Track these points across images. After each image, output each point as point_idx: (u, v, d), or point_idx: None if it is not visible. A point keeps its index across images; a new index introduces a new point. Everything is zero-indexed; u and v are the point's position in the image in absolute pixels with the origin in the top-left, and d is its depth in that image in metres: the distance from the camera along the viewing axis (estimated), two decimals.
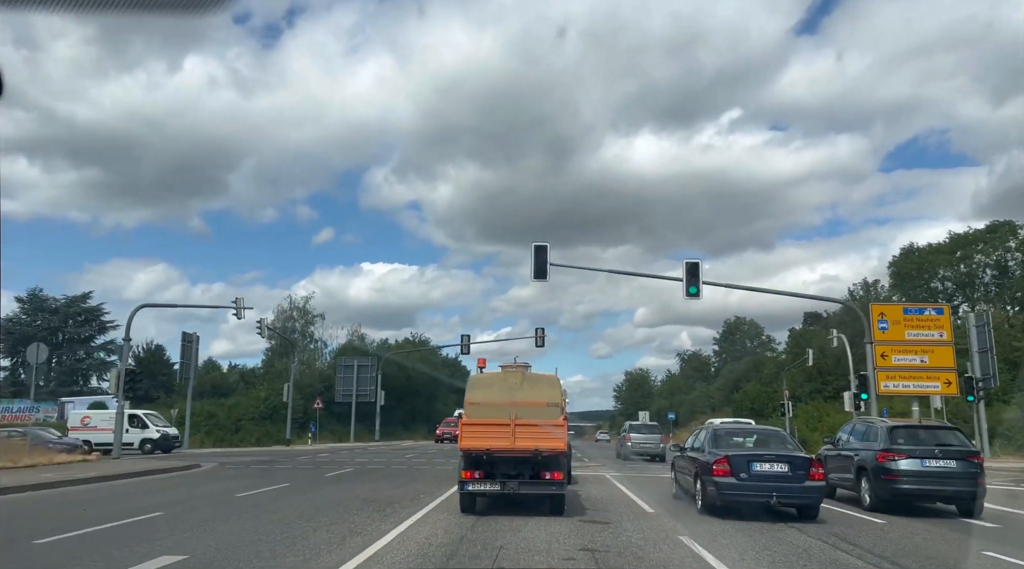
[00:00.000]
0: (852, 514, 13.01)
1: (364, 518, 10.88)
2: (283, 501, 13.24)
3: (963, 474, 13.16)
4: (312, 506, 12.32)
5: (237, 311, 35.05)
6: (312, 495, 14.42)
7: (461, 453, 11.45)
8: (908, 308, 26.17)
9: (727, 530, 10.43)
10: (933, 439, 14.00)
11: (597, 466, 25.75)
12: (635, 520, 11.28)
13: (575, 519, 11.17)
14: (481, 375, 12.92)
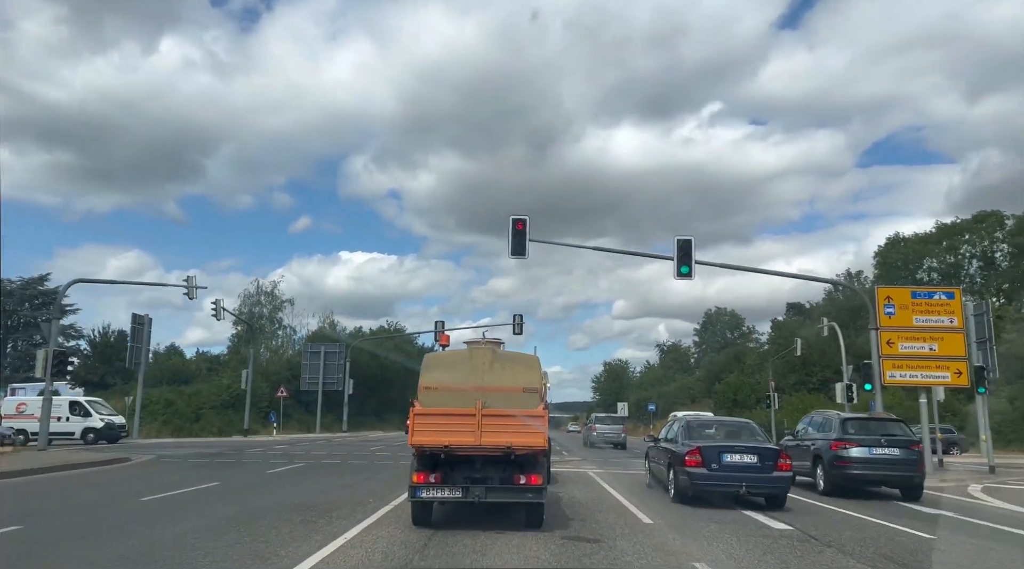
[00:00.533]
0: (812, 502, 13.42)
1: (284, 534, 8.45)
2: (195, 508, 10.76)
3: (906, 461, 14.81)
4: (227, 515, 9.85)
5: (188, 291, 32.28)
6: (238, 498, 11.95)
7: (412, 451, 9.05)
8: (916, 292, 24.06)
9: (752, 553, 8.15)
10: (880, 429, 15.62)
11: (579, 461, 23.49)
12: (632, 536, 8.97)
13: (557, 534, 8.84)
14: (439, 353, 10.41)
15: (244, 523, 9.18)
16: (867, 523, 10.84)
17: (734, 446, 12.73)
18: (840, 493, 14.61)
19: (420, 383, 9.07)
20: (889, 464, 14.77)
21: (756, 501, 12.51)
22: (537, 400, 9.00)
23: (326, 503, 11.27)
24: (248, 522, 9.27)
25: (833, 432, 15.67)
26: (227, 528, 8.80)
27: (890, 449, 14.91)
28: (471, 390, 8.91)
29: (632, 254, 27.78)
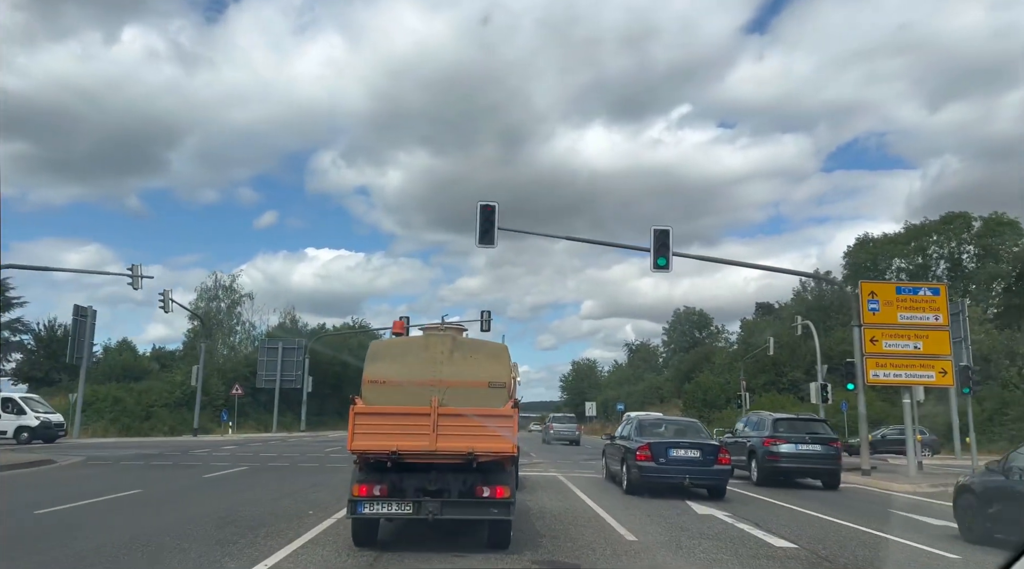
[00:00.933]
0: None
1: (191, 559, 6.85)
2: (98, 522, 9.08)
3: (826, 456, 17.16)
4: (132, 533, 8.20)
5: (133, 280, 30.18)
6: (155, 510, 10.27)
7: (354, 458, 7.51)
8: (901, 287, 23.11)
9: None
10: (806, 428, 17.99)
11: (547, 464, 22.06)
12: (616, 557, 7.56)
13: (527, 557, 7.38)
14: (388, 340, 8.82)
15: (146, 545, 7.55)
16: (877, 539, 9.57)
17: (680, 442, 14.20)
18: (770, 483, 16.71)
19: (364, 376, 7.54)
20: (812, 458, 17.11)
21: (749, 517, 11.22)
22: (505, 397, 7.51)
23: (257, 516, 9.65)
24: (152, 543, 7.64)
25: (766, 430, 17.82)
26: (123, 551, 7.18)
27: (813, 445, 17.26)
28: (426, 384, 7.39)
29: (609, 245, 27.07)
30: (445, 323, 8.56)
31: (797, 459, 16.97)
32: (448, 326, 8.44)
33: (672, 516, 10.94)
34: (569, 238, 25.11)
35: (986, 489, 9.78)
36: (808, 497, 14.65)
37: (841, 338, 54.96)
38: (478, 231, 21.86)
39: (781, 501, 13.57)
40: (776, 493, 14.96)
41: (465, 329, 8.69)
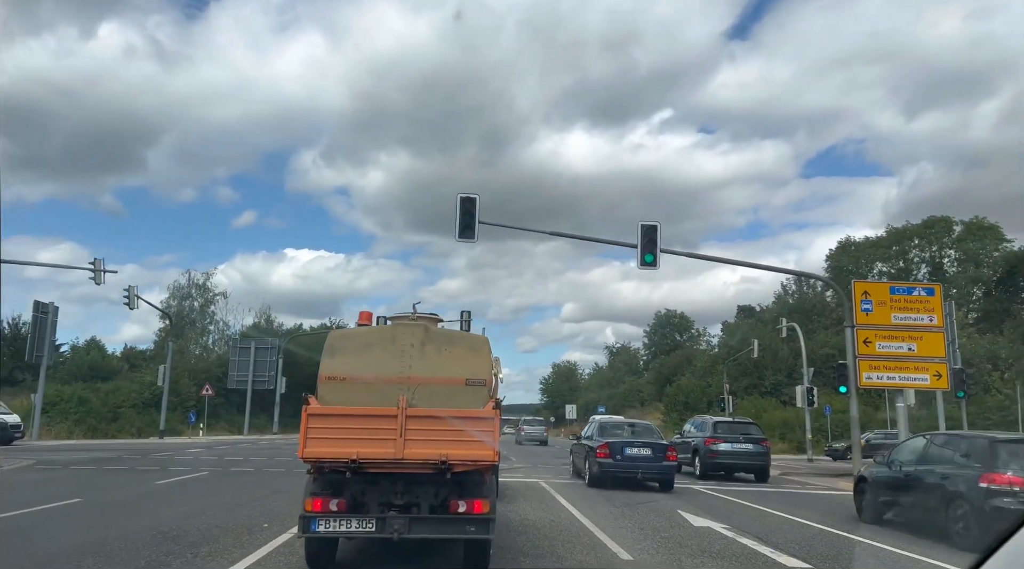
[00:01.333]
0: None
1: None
2: (17, 540, 7.93)
3: (757, 453, 20.14)
4: (52, 552, 7.07)
5: (95, 274, 28.76)
6: (90, 523, 9.12)
7: (308, 468, 6.45)
8: (895, 287, 22.37)
9: None
10: (740, 430, 20.85)
11: (528, 469, 21.04)
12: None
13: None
14: (349, 331, 7.53)
15: (66, 564, 6.43)
16: (892, 556, 8.67)
17: (634, 442, 16.38)
18: (709, 477, 19.59)
19: (320, 372, 6.47)
20: (745, 455, 20.01)
21: (750, 530, 10.28)
22: (485, 396, 6.49)
23: (203, 530, 8.54)
24: (71, 563, 6.52)
25: (708, 431, 20.71)
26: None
27: (746, 445, 20.16)
28: (392, 382, 6.35)
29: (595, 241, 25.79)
30: (416, 313, 7.48)
31: (732, 456, 19.94)
32: (420, 316, 7.38)
33: (666, 529, 9.98)
34: (554, 233, 24.11)
35: (875, 478, 11.90)
36: (804, 505, 13.78)
37: (824, 341, 54.53)
38: (458, 224, 20.84)
39: (778, 511, 12.68)
40: (768, 500, 14.12)
41: (440, 319, 7.65)
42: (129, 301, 33.13)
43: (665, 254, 22.07)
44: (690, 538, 9.22)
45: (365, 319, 7.89)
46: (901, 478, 11.11)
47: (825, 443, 41.33)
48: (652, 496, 14.36)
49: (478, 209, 20.96)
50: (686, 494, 15.09)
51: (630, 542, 8.71)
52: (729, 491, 16.23)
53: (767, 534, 9.77)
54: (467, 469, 6.27)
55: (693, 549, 8.41)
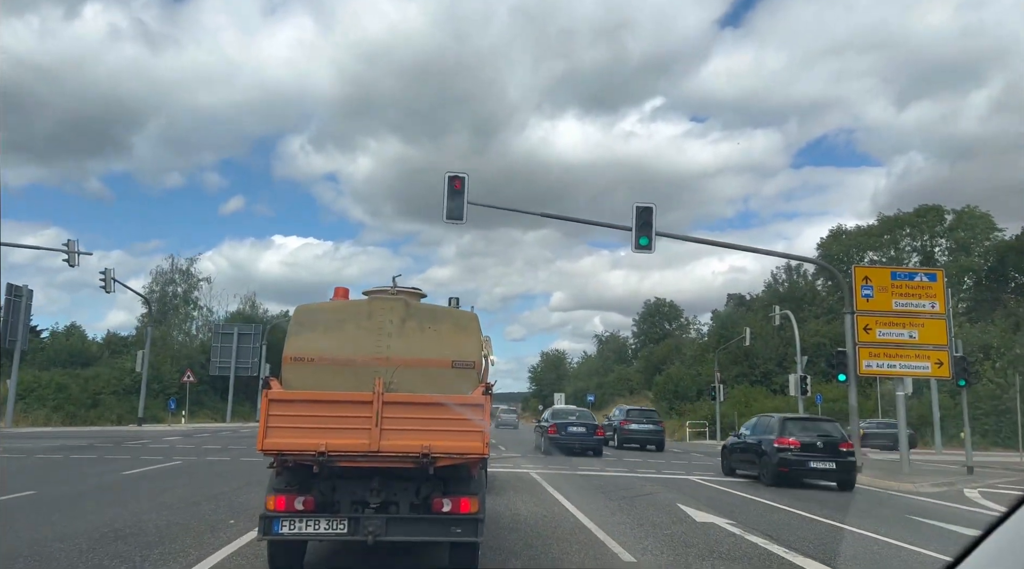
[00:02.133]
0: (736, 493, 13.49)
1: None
2: None
3: (656, 431, 29.48)
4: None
5: (69, 256, 27.71)
6: (36, 519, 8.27)
7: (270, 461, 5.63)
8: (896, 272, 21.72)
9: None
10: (644, 415, 30.60)
11: (518, 459, 20.31)
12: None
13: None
14: (318, 305, 6.29)
15: None
16: (915, 556, 7.98)
17: (574, 422, 24.25)
18: (622, 447, 28.91)
19: (284, 351, 5.65)
20: (647, 433, 29.43)
21: (757, 526, 9.58)
22: (474, 379, 5.70)
23: (162, 527, 7.73)
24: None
25: (623, 416, 30.63)
26: None
27: (648, 425, 29.59)
28: (368, 363, 5.54)
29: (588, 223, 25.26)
30: (397, 286, 6.66)
31: (639, 433, 29.39)
32: (399, 290, 6.56)
33: (668, 525, 9.26)
34: (545, 215, 23.36)
35: (729, 445, 18.22)
36: (808, 498, 13.12)
37: (815, 330, 54.12)
38: (445, 206, 20.02)
39: (781, 504, 12.01)
40: (765, 491, 13.45)
41: (422, 294, 6.84)
42: (105, 285, 32.07)
43: (659, 239, 21.37)
44: (695, 536, 8.50)
45: (341, 296, 7.05)
46: (741, 444, 17.28)
47: None
48: (650, 489, 13.66)
49: (467, 189, 20.14)
50: (685, 486, 14.41)
51: (630, 540, 7.97)
52: (728, 483, 15.58)
53: (776, 531, 9.07)
54: (453, 463, 5.49)
55: (700, 549, 7.69)
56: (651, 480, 15.35)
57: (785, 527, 9.52)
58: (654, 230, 20.62)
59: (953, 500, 14.26)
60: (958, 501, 14.13)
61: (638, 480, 15.31)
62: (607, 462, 20.63)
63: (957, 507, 13.06)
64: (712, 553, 7.50)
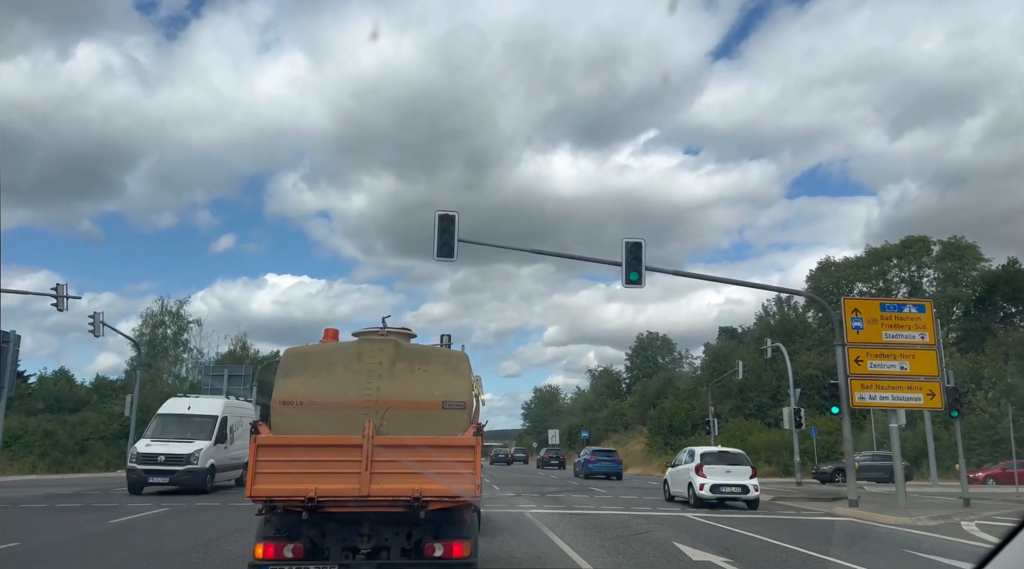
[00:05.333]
0: None
1: None
2: None
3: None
4: None
5: (58, 301, 27.56)
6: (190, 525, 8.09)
7: (259, 508, 5.55)
8: (885, 304, 21.88)
9: None
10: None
11: (513, 498, 20.05)
12: None
13: None
14: (307, 348, 6.33)
15: None
16: None
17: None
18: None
19: (274, 395, 5.62)
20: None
21: (753, 564, 9.45)
22: (464, 421, 5.67)
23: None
24: None
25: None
26: None
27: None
28: (357, 406, 5.52)
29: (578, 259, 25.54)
30: (387, 327, 6.65)
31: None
32: (389, 331, 6.55)
33: (664, 564, 9.16)
34: (535, 252, 23.52)
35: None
36: (804, 534, 12.99)
37: (807, 362, 54.12)
38: (436, 243, 20.10)
39: (778, 540, 11.87)
40: (766, 528, 13.31)
41: (412, 334, 6.83)
42: (94, 329, 31.84)
43: (650, 273, 21.44)
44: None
45: (331, 337, 7.02)
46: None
47: (812, 465, 40.63)
48: (645, 527, 13.50)
49: (457, 227, 20.26)
50: (681, 524, 14.24)
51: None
52: (723, 519, 15.41)
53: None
54: (444, 506, 5.44)
55: None
56: (646, 518, 15.18)
57: (782, 564, 9.41)
58: (644, 265, 20.70)
59: (950, 533, 14.14)
60: (955, 534, 14.01)
61: (633, 518, 15.13)
62: (602, 500, 20.41)
63: (955, 540, 12.94)
64: None
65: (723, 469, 19.44)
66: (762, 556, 10.16)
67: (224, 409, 22.22)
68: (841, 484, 29.83)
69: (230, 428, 22.09)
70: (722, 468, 19.47)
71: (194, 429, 21.00)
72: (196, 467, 19.87)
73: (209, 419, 21.42)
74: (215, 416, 21.56)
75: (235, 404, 24.33)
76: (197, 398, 24.64)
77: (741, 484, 19.13)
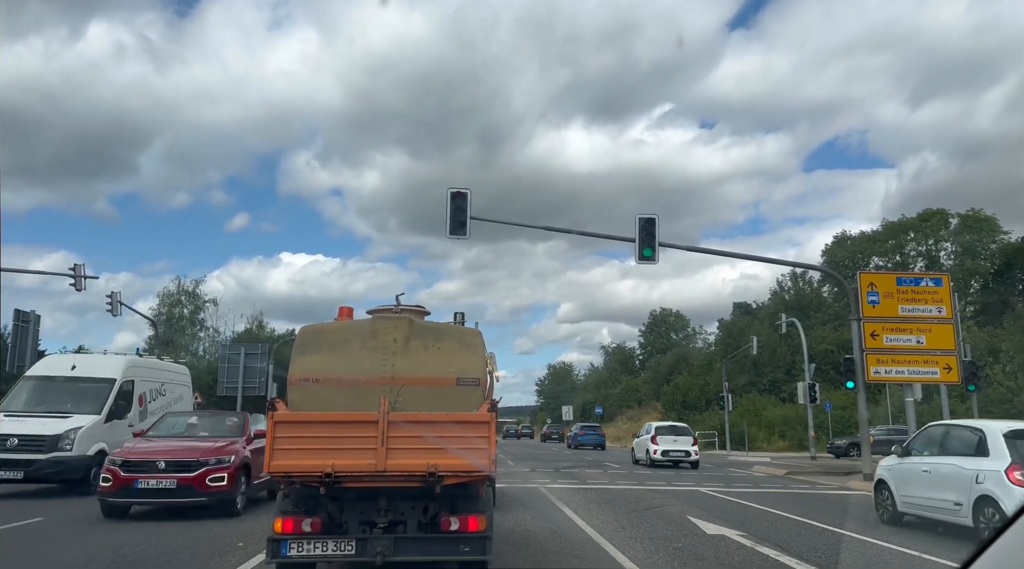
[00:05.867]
0: None
1: None
2: None
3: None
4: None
5: (76, 281, 27.86)
6: (43, 545, 8.27)
7: (278, 484, 5.65)
8: (902, 278, 21.66)
9: None
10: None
11: (527, 474, 20.24)
12: None
13: None
14: (323, 326, 6.23)
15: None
16: (935, 566, 7.91)
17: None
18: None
19: (290, 372, 5.68)
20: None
21: (768, 537, 9.50)
22: (479, 397, 5.71)
23: (169, 551, 7.73)
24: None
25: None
26: None
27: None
28: (373, 383, 5.57)
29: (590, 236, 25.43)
30: (400, 305, 6.69)
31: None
32: (403, 308, 6.58)
33: (678, 537, 9.21)
34: (548, 229, 23.64)
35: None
36: (819, 507, 13.03)
37: (822, 337, 53.90)
38: (449, 221, 20.10)
39: (792, 514, 11.92)
40: (781, 502, 13.36)
41: (426, 311, 6.86)
42: (112, 308, 32.20)
43: (664, 249, 21.37)
44: (705, 548, 8.44)
45: (346, 315, 7.06)
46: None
47: (826, 440, 40.63)
48: (659, 501, 13.60)
49: (470, 204, 20.24)
50: (695, 498, 14.33)
51: (641, 555, 7.92)
52: (738, 493, 15.50)
53: (788, 542, 9.00)
54: (459, 481, 5.50)
55: (711, 561, 7.65)
56: (660, 492, 15.27)
57: (796, 537, 9.45)
58: (657, 241, 20.61)
59: None
60: None
61: (647, 492, 15.24)
62: (616, 475, 20.56)
63: None
64: (723, 565, 7.46)
65: (672, 438, 25.54)
66: (776, 529, 10.22)
67: (127, 370, 15.63)
68: (856, 458, 29.84)
69: (140, 398, 15.93)
70: (671, 438, 25.55)
71: (76, 398, 14.67)
72: (69, 455, 13.22)
73: (102, 384, 15.03)
74: (111, 380, 15.07)
75: (149, 364, 17.77)
76: (90, 355, 19.66)
77: (685, 449, 25.22)
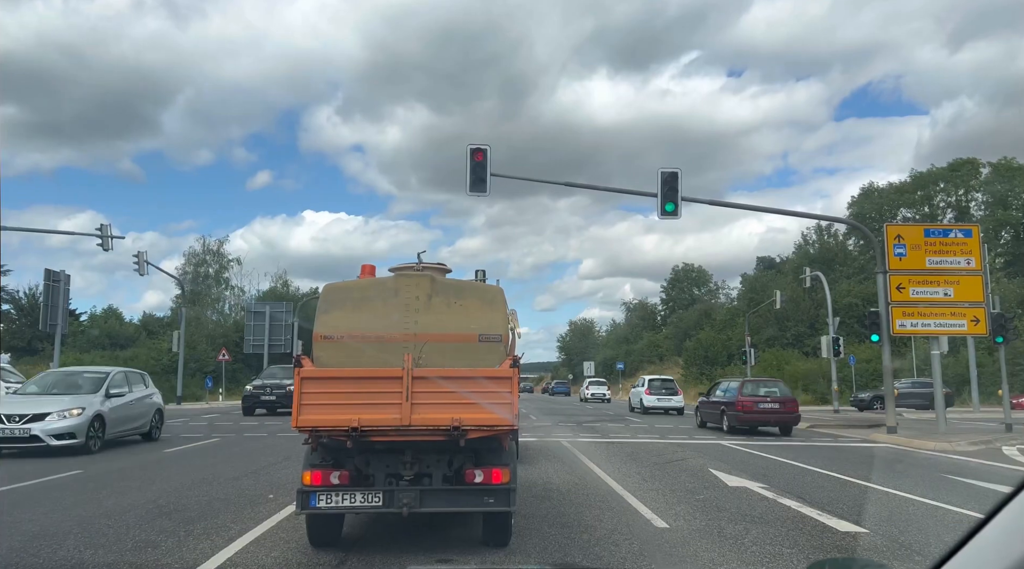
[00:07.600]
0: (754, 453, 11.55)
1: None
2: (3, 515, 7.37)
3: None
4: (32, 532, 6.49)
5: (103, 240, 28.23)
6: (83, 497, 8.55)
7: (304, 438, 5.76)
8: (929, 229, 21.29)
9: None
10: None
11: (549, 428, 20.48)
12: (648, 555, 5.89)
13: (532, 559, 5.71)
14: (347, 283, 6.25)
15: (35, 553, 5.83)
16: (955, 516, 7.93)
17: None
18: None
19: (315, 330, 5.74)
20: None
21: (790, 489, 9.57)
22: (501, 353, 5.74)
23: (203, 503, 7.96)
24: (40, 552, 5.92)
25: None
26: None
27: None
28: (396, 339, 5.61)
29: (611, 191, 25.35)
30: (422, 262, 6.71)
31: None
32: (425, 265, 6.60)
33: (700, 490, 9.31)
34: (569, 184, 23.17)
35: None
36: (841, 459, 13.07)
37: (846, 290, 53.38)
38: (469, 177, 20.01)
39: (814, 466, 11.98)
40: (803, 455, 13.42)
41: (448, 269, 6.86)
42: (139, 267, 32.68)
43: (687, 203, 21.14)
44: (727, 500, 8.54)
45: (368, 273, 7.10)
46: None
47: (850, 393, 40.54)
48: (681, 454, 13.72)
49: (490, 160, 20.09)
50: (717, 451, 14.44)
51: (663, 506, 8.03)
52: (760, 446, 15.58)
53: (809, 494, 9.07)
54: (483, 435, 5.56)
55: (732, 513, 7.72)
56: (682, 446, 15.40)
57: (818, 489, 9.51)
58: (680, 195, 20.40)
59: (991, 458, 14.10)
60: (996, 459, 13.97)
61: (669, 446, 15.37)
62: (638, 429, 20.73)
63: (995, 465, 12.92)
64: (745, 517, 7.53)
65: (662, 390, 31.07)
66: (797, 481, 10.28)
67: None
68: (879, 411, 29.80)
69: None
70: (661, 390, 31.09)
71: None
72: None
73: None
74: None
75: None
76: None
77: (670, 399, 30.53)
